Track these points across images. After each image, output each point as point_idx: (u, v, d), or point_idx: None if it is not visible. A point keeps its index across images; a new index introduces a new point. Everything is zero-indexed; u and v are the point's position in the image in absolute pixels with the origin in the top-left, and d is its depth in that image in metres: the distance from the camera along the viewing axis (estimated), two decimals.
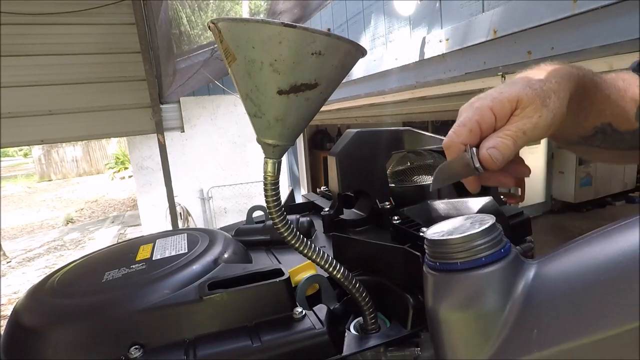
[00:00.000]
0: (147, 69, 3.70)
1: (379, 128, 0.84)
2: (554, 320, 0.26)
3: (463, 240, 0.31)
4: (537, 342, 0.26)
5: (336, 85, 0.42)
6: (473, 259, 0.31)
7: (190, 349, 0.44)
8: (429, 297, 0.33)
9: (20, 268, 5.84)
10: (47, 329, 0.46)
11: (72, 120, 3.63)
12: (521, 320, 0.28)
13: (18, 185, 14.46)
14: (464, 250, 0.31)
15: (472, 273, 0.30)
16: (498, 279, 0.30)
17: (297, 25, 0.36)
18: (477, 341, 0.29)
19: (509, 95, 0.40)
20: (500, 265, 0.30)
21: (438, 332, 0.32)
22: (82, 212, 9.34)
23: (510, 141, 0.40)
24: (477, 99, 0.43)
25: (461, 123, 0.41)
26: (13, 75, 3.36)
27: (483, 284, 0.30)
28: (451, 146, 0.42)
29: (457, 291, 0.31)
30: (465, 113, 0.42)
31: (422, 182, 0.83)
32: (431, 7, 2.11)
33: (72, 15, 3.40)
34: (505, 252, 0.31)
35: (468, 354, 0.30)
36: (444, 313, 0.31)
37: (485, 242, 0.31)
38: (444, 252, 0.32)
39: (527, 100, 0.40)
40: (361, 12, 2.75)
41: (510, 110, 0.40)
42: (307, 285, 0.51)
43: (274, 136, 0.43)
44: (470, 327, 0.30)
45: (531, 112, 0.40)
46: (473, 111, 0.41)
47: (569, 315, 0.25)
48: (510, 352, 0.27)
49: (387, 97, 2.62)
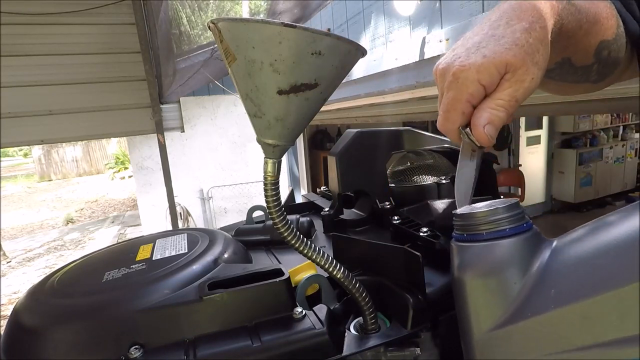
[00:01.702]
0: (147, 69, 3.70)
1: (379, 128, 0.84)
2: (570, 281, 0.29)
3: (488, 213, 0.34)
4: (555, 300, 0.29)
5: (336, 85, 0.42)
6: (497, 230, 0.34)
7: (190, 349, 0.44)
8: (455, 266, 0.36)
9: (20, 268, 5.83)
10: (47, 329, 0.46)
11: (72, 120, 3.62)
12: (540, 283, 0.31)
13: (18, 185, 14.45)
14: (489, 222, 0.34)
15: (496, 242, 0.33)
16: (520, 248, 0.33)
17: (297, 25, 0.36)
18: (498, 303, 0.32)
19: (496, 62, 0.35)
20: (522, 237, 0.33)
21: (462, 297, 0.35)
22: (82, 212, 9.33)
23: (503, 113, 0.37)
24: (459, 64, 0.37)
25: (451, 106, 0.38)
26: (13, 75, 3.36)
27: (506, 252, 0.33)
28: (447, 132, 0.40)
29: (482, 259, 0.34)
30: (452, 90, 0.37)
31: (422, 182, 0.84)
32: (431, 7, 2.11)
33: (72, 15, 3.40)
34: (527, 227, 0.34)
35: (489, 315, 0.33)
36: (469, 279, 0.34)
37: (509, 216, 0.34)
38: (471, 224, 0.35)
39: (517, 63, 0.35)
40: (361, 12, 2.75)
41: (499, 77, 0.36)
42: (307, 285, 0.51)
43: (274, 136, 0.43)
44: (492, 291, 0.33)
45: (523, 75, 0.36)
46: (459, 89, 0.37)
47: (583, 277, 0.28)
48: (529, 310, 0.30)
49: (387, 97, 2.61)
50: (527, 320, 0.30)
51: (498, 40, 0.36)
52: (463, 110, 0.38)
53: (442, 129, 0.40)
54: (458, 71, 0.37)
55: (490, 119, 0.37)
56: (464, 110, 0.38)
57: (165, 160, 3.83)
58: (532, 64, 0.36)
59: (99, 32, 3.59)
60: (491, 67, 0.36)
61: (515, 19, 0.37)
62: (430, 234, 0.60)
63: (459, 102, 0.37)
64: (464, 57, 0.37)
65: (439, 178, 0.83)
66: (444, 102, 0.39)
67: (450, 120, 0.38)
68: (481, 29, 0.38)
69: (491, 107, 0.37)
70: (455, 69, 0.37)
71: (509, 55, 0.35)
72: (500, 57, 0.35)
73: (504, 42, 0.36)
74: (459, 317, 0.36)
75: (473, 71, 0.36)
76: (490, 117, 0.37)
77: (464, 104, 0.37)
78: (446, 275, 0.56)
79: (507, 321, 0.32)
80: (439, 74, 0.39)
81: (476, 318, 0.34)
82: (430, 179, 0.84)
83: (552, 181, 6.04)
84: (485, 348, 0.34)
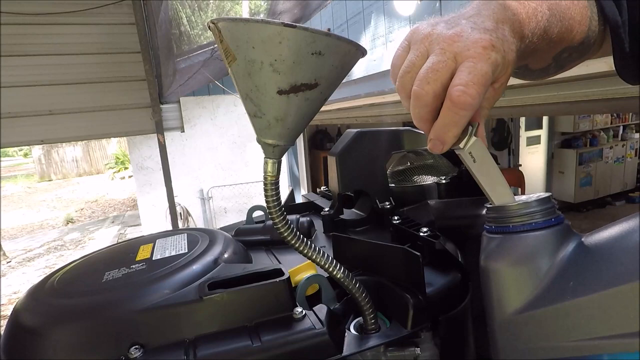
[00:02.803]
0: (147, 69, 3.70)
1: (379, 128, 0.84)
2: (589, 273, 0.30)
3: (518, 207, 0.36)
4: (573, 291, 0.30)
5: (336, 85, 0.42)
6: (525, 223, 0.35)
7: (190, 349, 0.44)
8: (484, 255, 0.38)
9: (20, 268, 5.83)
10: (47, 329, 0.46)
11: (72, 120, 3.63)
12: (561, 274, 0.32)
13: (18, 185, 14.45)
14: (517, 216, 0.36)
15: (523, 235, 0.35)
16: (546, 242, 0.34)
17: (297, 25, 0.36)
18: (520, 290, 0.34)
19: (509, 62, 0.36)
20: (549, 231, 0.34)
21: (488, 284, 0.37)
22: (82, 212, 9.33)
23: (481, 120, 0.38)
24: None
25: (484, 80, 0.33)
26: (13, 75, 3.36)
27: (531, 245, 0.34)
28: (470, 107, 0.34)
29: (508, 249, 0.36)
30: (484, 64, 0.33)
31: (422, 182, 0.84)
32: (431, 7, 2.11)
33: (72, 15, 3.40)
34: (556, 222, 0.35)
35: (511, 301, 0.35)
36: (495, 267, 0.36)
37: (537, 210, 0.35)
38: (501, 216, 0.37)
39: (510, 72, 0.37)
40: (361, 12, 2.75)
41: (499, 76, 0.37)
42: (307, 285, 0.51)
43: (274, 136, 0.43)
44: (516, 279, 0.35)
45: (502, 88, 0.38)
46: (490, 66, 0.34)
47: (602, 270, 0.30)
48: (548, 299, 0.32)
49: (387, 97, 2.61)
50: (545, 309, 0.32)
51: (509, 41, 0.36)
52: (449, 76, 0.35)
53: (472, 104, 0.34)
54: (490, 47, 0.34)
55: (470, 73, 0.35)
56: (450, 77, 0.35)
57: (165, 160, 3.83)
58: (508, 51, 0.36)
59: (99, 32, 3.59)
60: (506, 65, 0.36)
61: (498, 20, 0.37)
62: (430, 234, 0.60)
63: (488, 83, 0.34)
64: (490, 35, 0.35)
65: (439, 178, 0.83)
66: (476, 73, 0.34)
67: (481, 97, 0.34)
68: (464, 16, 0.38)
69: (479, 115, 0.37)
70: (487, 42, 0.34)
71: (512, 65, 0.37)
72: (512, 58, 0.36)
73: (512, 48, 0.36)
74: (485, 303, 0.38)
75: (500, 56, 0.35)
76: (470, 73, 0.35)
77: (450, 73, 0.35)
78: (446, 275, 0.56)
79: (526, 307, 0.33)
80: (449, 39, 0.35)
81: (499, 303, 0.36)
82: (430, 179, 0.84)
83: (552, 181, 6.04)
84: (506, 331, 0.36)
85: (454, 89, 0.33)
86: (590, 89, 1.49)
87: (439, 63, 0.34)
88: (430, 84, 0.34)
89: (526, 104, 1.83)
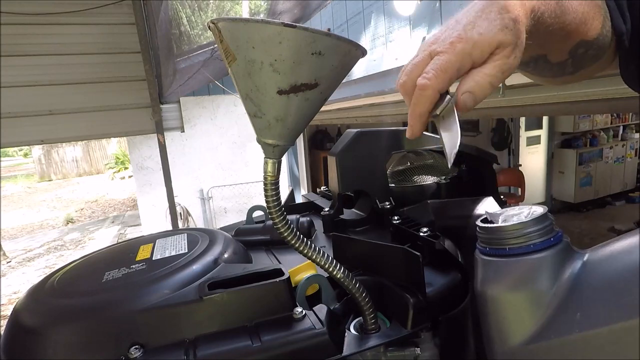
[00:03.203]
0: (147, 69, 3.70)
1: (379, 128, 0.84)
2: (598, 304, 0.28)
3: (514, 228, 0.33)
4: (579, 324, 0.28)
5: (336, 85, 0.42)
6: (522, 246, 0.33)
7: (190, 349, 0.44)
8: (479, 280, 0.35)
9: (20, 268, 5.83)
10: (47, 329, 0.46)
11: (72, 120, 3.63)
12: (566, 303, 0.30)
13: (18, 185, 14.45)
14: (513, 237, 0.33)
15: (521, 258, 0.33)
16: (546, 265, 0.32)
17: (297, 25, 0.36)
18: (522, 320, 0.32)
19: (490, 40, 0.38)
20: (548, 252, 0.32)
21: (486, 312, 0.35)
22: (82, 212, 9.33)
23: (487, 84, 0.39)
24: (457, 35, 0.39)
25: (442, 67, 0.38)
26: (13, 75, 3.36)
27: (530, 269, 0.32)
28: (427, 89, 0.39)
29: (506, 274, 0.33)
30: (446, 54, 0.38)
31: (422, 182, 0.84)
32: (431, 7, 2.11)
33: (72, 15, 3.40)
34: (555, 241, 0.33)
35: (513, 331, 0.32)
36: (493, 294, 0.34)
37: (535, 231, 0.33)
38: (496, 237, 0.35)
39: (507, 43, 0.38)
40: (361, 12, 2.75)
41: (488, 55, 0.39)
42: (307, 285, 0.51)
43: (274, 136, 0.43)
44: (516, 307, 0.32)
45: (509, 53, 0.39)
46: (455, 54, 0.38)
47: (612, 300, 0.27)
48: (553, 331, 0.30)
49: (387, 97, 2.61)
50: (550, 341, 0.30)
51: (492, 23, 0.39)
52: (451, 77, 0.39)
53: (422, 83, 0.39)
54: (456, 40, 0.39)
55: (474, 88, 0.39)
56: (452, 76, 0.39)
57: (165, 160, 3.83)
58: (516, 46, 0.39)
59: (99, 32, 3.59)
60: (485, 45, 0.38)
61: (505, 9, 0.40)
62: (430, 234, 0.60)
63: (450, 67, 0.38)
64: (462, 31, 0.39)
65: (439, 178, 0.83)
66: (436, 62, 0.39)
67: (437, 77, 0.38)
68: (469, 13, 0.41)
69: (479, 76, 0.39)
70: (453, 38, 0.39)
71: (501, 36, 0.38)
72: (495, 37, 0.38)
73: (498, 25, 0.38)
74: (484, 332, 0.36)
75: (470, 44, 0.38)
76: (474, 87, 0.39)
77: (454, 72, 0.39)
78: (446, 275, 0.56)
79: (530, 339, 0.31)
80: (430, 42, 0.41)
81: (499, 334, 0.33)
82: (430, 179, 0.84)
83: (552, 181, 6.04)
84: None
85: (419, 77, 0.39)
86: (590, 89, 1.49)
87: (417, 59, 0.40)
88: (408, 76, 0.40)
89: (526, 104, 1.83)
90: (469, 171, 0.84)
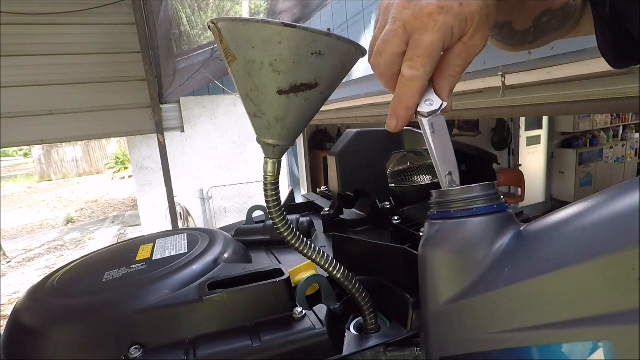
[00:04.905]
0: (147, 69, 3.70)
1: (379, 128, 0.84)
2: (523, 260, 0.29)
3: (460, 192, 0.35)
4: (506, 278, 0.29)
5: (336, 85, 0.42)
6: (465, 208, 0.34)
7: (190, 349, 0.44)
8: (422, 242, 0.36)
9: (20, 268, 5.83)
10: (47, 329, 0.46)
11: (72, 120, 3.63)
12: (496, 262, 0.31)
13: (18, 185, 14.45)
14: (458, 200, 0.34)
15: (462, 220, 0.34)
16: (485, 229, 0.33)
17: (297, 25, 0.36)
18: (455, 279, 0.33)
19: (470, 13, 0.33)
20: (489, 218, 0.33)
21: (423, 271, 0.35)
22: (82, 212, 9.33)
23: (458, 78, 0.36)
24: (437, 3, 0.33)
25: (428, 53, 0.33)
26: (13, 75, 3.36)
27: (470, 231, 0.33)
28: (416, 79, 0.34)
29: (447, 236, 0.34)
30: (429, 34, 0.33)
31: (422, 182, 0.84)
32: None
33: (72, 15, 3.40)
34: (498, 209, 0.34)
35: (446, 289, 0.33)
36: (431, 253, 0.35)
37: (480, 196, 0.34)
38: (443, 201, 0.36)
39: (479, 22, 0.34)
40: (361, 12, 2.75)
41: (463, 32, 0.34)
42: (307, 285, 0.51)
43: (274, 136, 0.43)
44: (451, 268, 0.33)
45: (479, 39, 0.35)
46: (437, 33, 0.33)
47: (535, 257, 0.28)
48: (481, 287, 0.31)
49: (387, 97, 2.61)
50: (477, 297, 0.30)
51: None
52: (437, 60, 0.35)
53: (415, 77, 0.35)
54: (436, 12, 0.33)
55: (451, 88, 0.36)
56: (437, 60, 0.35)
57: (165, 160, 3.83)
58: (487, 27, 0.35)
59: (99, 32, 3.59)
60: (465, 19, 0.33)
61: None
62: None
63: (438, 50, 0.34)
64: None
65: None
66: (420, 46, 0.34)
67: (428, 67, 0.34)
68: None
69: (450, 73, 0.36)
70: (433, 7, 0.33)
71: (480, 14, 0.33)
72: (473, 13, 0.33)
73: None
74: (420, 293, 0.36)
75: (451, 17, 0.33)
76: (451, 87, 0.36)
77: (439, 54, 0.34)
78: None
79: (460, 296, 0.32)
80: (399, 6, 0.34)
81: (433, 292, 0.34)
82: (430, 179, 0.84)
83: (552, 181, 6.04)
84: (438, 323, 0.34)
85: (403, 64, 0.35)
86: (590, 89, 1.49)
87: (389, 33, 0.35)
88: (382, 55, 0.35)
89: (526, 104, 1.83)
90: (469, 171, 0.84)
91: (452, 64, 0.36)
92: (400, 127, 0.38)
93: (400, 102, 0.36)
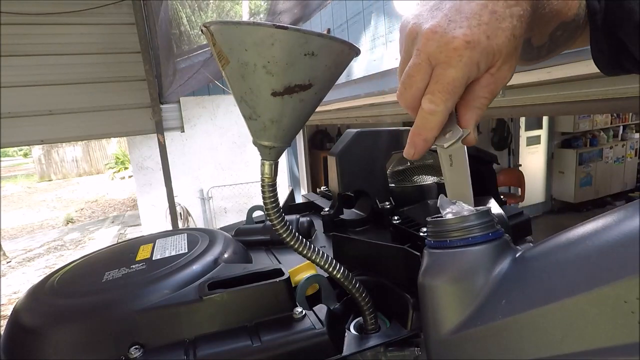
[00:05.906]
0: (147, 69, 3.70)
1: (379, 128, 0.84)
2: (521, 291, 0.29)
3: (455, 221, 0.35)
4: (503, 310, 0.29)
5: (330, 86, 0.42)
6: (462, 238, 0.34)
7: (190, 349, 0.44)
8: (421, 271, 0.36)
9: (20, 268, 5.83)
10: (47, 329, 0.46)
11: (72, 120, 3.63)
12: (495, 292, 0.31)
13: (18, 185, 14.45)
14: (454, 230, 0.34)
15: (459, 250, 0.34)
16: (482, 257, 0.33)
17: (289, 27, 0.36)
18: (454, 310, 0.33)
19: (497, 46, 0.32)
20: (486, 246, 0.33)
21: (424, 301, 0.36)
22: (82, 212, 9.33)
23: (484, 109, 0.35)
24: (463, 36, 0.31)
25: (450, 89, 0.33)
26: (13, 75, 3.36)
27: (467, 260, 0.33)
28: (436, 114, 0.34)
29: (444, 265, 0.34)
30: (452, 69, 0.32)
31: (422, 182, 0.84)
32: None
33: (72, 15, 3.40)
34: (494, 236, 0.34)
35: (446, 320, 0.33)
36: (430, 283, 0.35)
37: (475, 225, 0.34)
38: (440, 230, 0.35)
39: (507, 55, 0.33)
40: (361, 12, 2.75)
41: (491, 65, 0.33)
42: (307, 285, 0.51)
43: (269, 138, 0.43)
44: (450, 297, 0.34)
45: (507, 71, 0.34)
46: (462, 69, 0.32)
47: (532, 288, 0.28)
48: (479, 318, 0.31)
49: (387, 97, 2.61)
50: (476, 329, 0.30)
51: (499, 22, 0.32)
52: (459, 95, 0.34)
53: (434, 112, 0.34)
54: (462, 47, 0.31)
55: (476, 119, 0.36)
56: (460, 94, 0.34)
57: (165, 160, 3.83)
58: (515, 58, 0.34)
59: (99, 32, 3.59)
60: (491, 55, 0.32)
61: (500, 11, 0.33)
62: None
63: (461, 86, 0.33)
64: (467, 29, 0.31)
65: (439, 178, 0.83)
66: (442, 81, 0.33)
67: (448, 103, 0.34)
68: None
69: (476, 105, 0.35)
70: (459, 42, 0.32)
71: (508, 47, 0.32)
72: (501, 45, 0.32)
73: (505, 27, 0.32)
74: (422, 322, 0.36)
75: (477, 52, 0.32)
76: (476, 118, 0.36)
77: (462, 89, 0.34)
78: None
79: (460, 327, 0.32)
80: (424, 37, 0.33)
81: (434, 322, 0.34)
82: (430, 179, 0.84)
83: (552, 181, 6.04)
84: (440, 351, 0.34)
85: (424, 97, 0.34)
86: (590, 89, 1.49)
87: (413, 67, 0.34)
88: (407, 90, 0.36)
89: (526, 104, 1.83)
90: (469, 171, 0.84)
91: (478, 96, 0.35)
92: (417, 157, 0.38)
93: (419, 133, 0.36)
